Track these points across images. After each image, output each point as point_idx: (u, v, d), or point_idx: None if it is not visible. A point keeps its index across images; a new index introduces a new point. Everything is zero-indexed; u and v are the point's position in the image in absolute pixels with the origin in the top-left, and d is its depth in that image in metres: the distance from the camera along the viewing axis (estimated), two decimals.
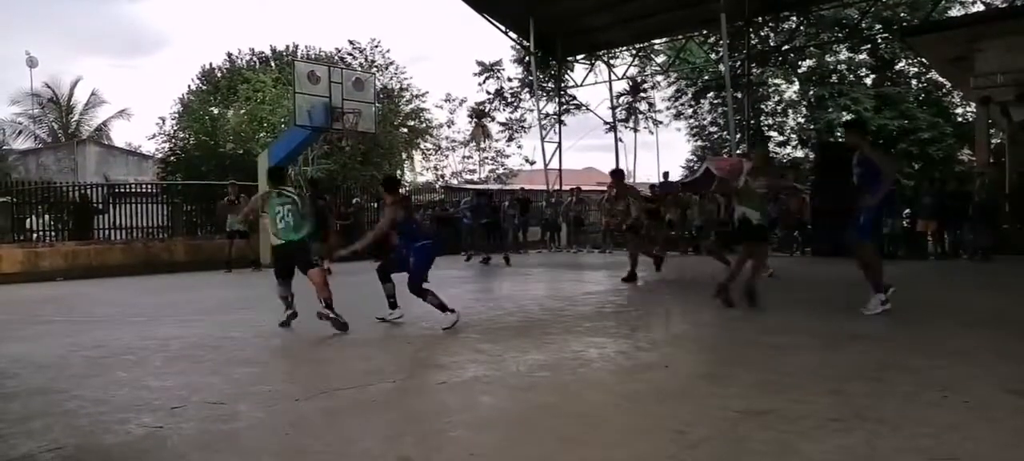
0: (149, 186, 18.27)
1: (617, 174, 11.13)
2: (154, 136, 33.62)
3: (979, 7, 22.41)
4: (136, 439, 3.36)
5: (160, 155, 29.12)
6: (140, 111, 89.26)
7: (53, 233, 15.32)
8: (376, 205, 19.87)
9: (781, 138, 34.65)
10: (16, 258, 13.22)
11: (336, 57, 30.75)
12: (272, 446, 3.24)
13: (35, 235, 15.04)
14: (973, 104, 21.20)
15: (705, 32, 24.49)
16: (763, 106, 33.50)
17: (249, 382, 4.44)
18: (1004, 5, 21.62)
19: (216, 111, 28.56)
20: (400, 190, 7.61)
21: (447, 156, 37.11)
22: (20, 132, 31.39)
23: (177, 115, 30.74)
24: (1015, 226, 14.10)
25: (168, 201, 17.20)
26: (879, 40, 30.00)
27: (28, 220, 15.04)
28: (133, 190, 17.26)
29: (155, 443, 3.28)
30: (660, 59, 31.16)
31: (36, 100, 31.61)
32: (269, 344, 5.87)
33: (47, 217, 15.59)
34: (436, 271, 6.61)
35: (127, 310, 8.34)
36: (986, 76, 15.99)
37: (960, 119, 30.07)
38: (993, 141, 20.63)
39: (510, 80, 35.74)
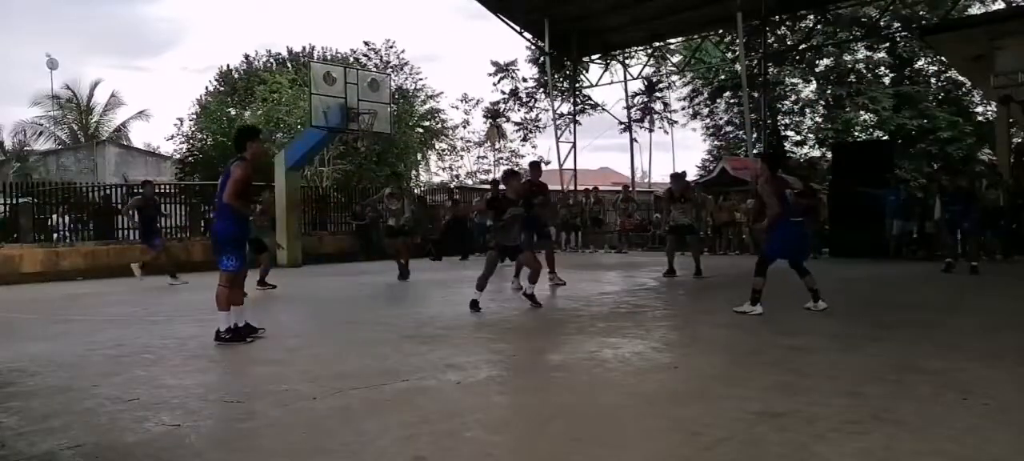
0: (168, 187, 18.42)
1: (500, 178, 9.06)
2: (172, 137, 34.07)
3: (999, 5, 22.08)
4: (155, 437, 3.39)
5: (178, 156, 29.54)
6: (158, 112, 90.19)
7: (73, 233, 15.50)
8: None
9: (798, 138, 34.43)
10: (37, 258, 13.41)
11: (351, 58, 30.90)
12: (288, 445, 3.26)
13: (56, 235, 15.22)
14: (994, 103, 20.94)
15: (721, 31, 24.32)
16: (780, 106, 33.27)
17: (266, 381, 4.47)
18: None
19: (233, 112, 28.83)
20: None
21: (462, 156, 37.24)
22: (41, 133, 31.73)
23: (195, 116, 31.07)
24: None
25: (186, 201, 17.34)
26: (898, 39, 29.72)
27: (49, 220, 15.22)
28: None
29: (173, 441, 3.31)
30: (676, 59, 31.04)
31: (56, 102, 31.99)
32: (286, 344, 5.90)
33: (67, 217, 15.77)
34: (452, 271, 6.60)
35: (146, 310, 8.42)
36: (1007, 75, 15.73)
37: (980, 118, 29.71)
38: (1015, 140, 20.36)
39: (525, 80, 35.80)
